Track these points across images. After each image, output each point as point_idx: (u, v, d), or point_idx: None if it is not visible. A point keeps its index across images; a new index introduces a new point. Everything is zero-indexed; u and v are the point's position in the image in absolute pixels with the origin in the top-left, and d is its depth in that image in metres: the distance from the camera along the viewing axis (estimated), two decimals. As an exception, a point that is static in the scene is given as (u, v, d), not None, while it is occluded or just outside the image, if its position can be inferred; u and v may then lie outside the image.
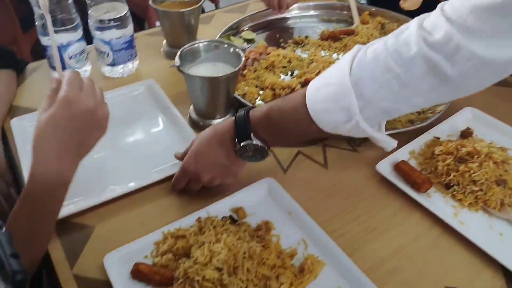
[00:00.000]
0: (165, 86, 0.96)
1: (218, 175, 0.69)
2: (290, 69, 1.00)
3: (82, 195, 0.69)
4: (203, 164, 0.68)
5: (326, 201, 0.72)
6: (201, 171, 0.68)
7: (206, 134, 0.69)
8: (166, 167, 0.75)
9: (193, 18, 1.00)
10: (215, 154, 0.67)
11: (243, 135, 0.64)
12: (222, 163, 0.68)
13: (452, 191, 0.71)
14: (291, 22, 1.21)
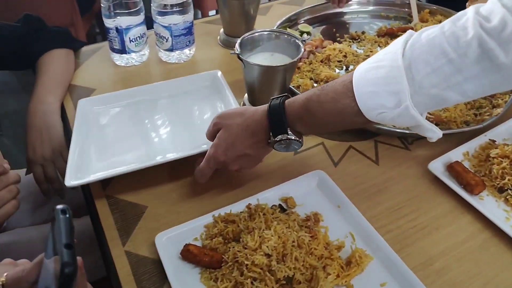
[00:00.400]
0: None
1: (247, 165, 0.70)
2: (345, 64, 1.00)
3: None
4: (233, 155, 0.66)
5: (376, 197, 0.72)
6: (230, 162, 0.67)
7: (236, 124, 0.66)
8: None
9: (252, 8, 1.02)
10: (246, 147, 0.66)
11: (279, 128, 0.63)
12: (252, 154, 0.67)
13: (506, 195, 0.69)
14: (348, 17, 1.21)
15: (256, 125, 0.64)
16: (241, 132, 0.65)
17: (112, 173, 0.70)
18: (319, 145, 0.82)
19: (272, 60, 0.85)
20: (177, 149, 0.76)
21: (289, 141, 0.64)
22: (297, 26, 1.14)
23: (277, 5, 1.29)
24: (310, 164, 0.78)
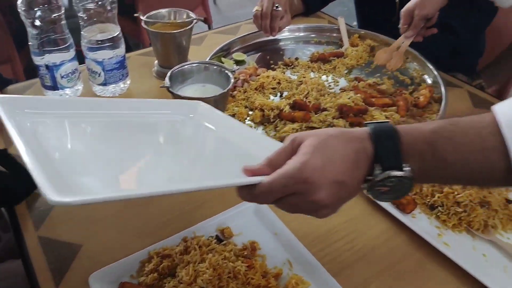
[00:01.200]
0: (156, 106, 0.98)
1: (334, 201, 0.48)
2: (279, 90, 1.02)
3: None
4: (330, 177, 0.46)
5: (313, 221, 0.70)
6: (323, 186, 0.46)
7: (334, 138, 0.48)
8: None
9: (184, 40, 1.02)
10: (346, 171, 0.47)
11: (391, 160, 0.46)
12: (346, 184, 0.47)
13: (436, 212, 0.71)
14: (282, 44, 1.24)
15: (357, 145, 0.47)
16: (342, 146, 0.47)
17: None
18: (256, 172, 0.81)
19: (203, 91, 0.84)
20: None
21: (401, 180, 0.47)
22: (231, 55, 1.15)
23: (212, 34, 1.30)
24: (248, 192, 0.77)
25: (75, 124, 0.63)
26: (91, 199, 0.41)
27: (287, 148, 0.49)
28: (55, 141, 0.58)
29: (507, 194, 0.75)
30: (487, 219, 0.69)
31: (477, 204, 0.70)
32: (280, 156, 0.49)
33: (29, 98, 0.69)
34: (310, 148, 0.47)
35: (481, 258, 0.66)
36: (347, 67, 1.09)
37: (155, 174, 0.57)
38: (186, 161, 0.63)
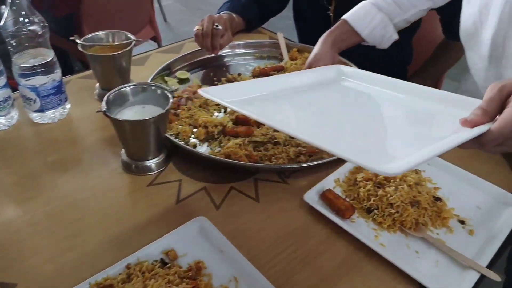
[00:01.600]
0: (98, 129, 0.96)
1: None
2: (222, 107, 1.03)
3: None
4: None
5: (258, 234, 0.73)
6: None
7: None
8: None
9: (124, 61, 1.01)
10: None
11: None
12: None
13: (373, 215, 0.75)
14: (225, 60, 1.25)
15: None
16: None
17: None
18: (201, 190, 0.82)
19: (143, 112, 0.84)
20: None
21: None
22: (174, 73, 1.15)
23: (155, 54, 1.30)
24: (193, 210, 0.77)
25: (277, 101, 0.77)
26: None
27: (496, 97, 0.55)
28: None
29: (435, 192, 0.79)
30: (418, 217, 0.73)
31: (408, 204, 0.74)
32: (492, 105, 0.55)
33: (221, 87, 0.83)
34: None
35: (414, 255, 0.69)
36: (287, 80, 1.12)
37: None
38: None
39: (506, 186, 0.82)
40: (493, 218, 0.75)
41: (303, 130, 0.64)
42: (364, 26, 1.00)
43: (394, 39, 1.04)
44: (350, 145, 0.62)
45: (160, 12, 3.79)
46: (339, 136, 0.66)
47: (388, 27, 1.01)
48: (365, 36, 1.01)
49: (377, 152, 0.59)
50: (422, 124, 0.70)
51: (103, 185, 0.83)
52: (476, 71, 0.92)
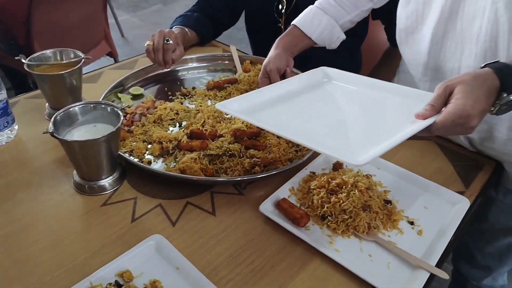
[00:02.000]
0: (49, 150, 0.93)
1: (479, 121, 0.68)
2: (178, 121, 1.01)
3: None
4: (479, 109, 0.67)
5: (215, 248, 0.72)
6: (475, 115, 0.67)
7: (471, 80, 0.68)
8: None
9: (74, 79, 0.98)
10: (485, 102, 0.68)
11: (511, 87, 0.67)
12: (486, 110, 0.68)
13: (327, 222, 0.76)
14: (179, 74, 1.24)
15: (489, 82, 0.68)
16: (480, 86, 0.67)
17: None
18: (157, 207, 0.80)
19: (95, 131, 0.81)
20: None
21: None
22: (128, 90, 1.13)
23: (108, 70, 1.27)
24: (149, 228, 0.76)
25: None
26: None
27: (441, 94, 0.70)
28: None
29: (385, 196, 0.82)
30: (370, 221, 0.75)
31: (360, 209, 0.75)
32: (438, 101, 0.70)
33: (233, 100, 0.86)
34: (462, 93, 0.67)
35: (368, 258, 0.70)
36: (241, 92, 1.13)
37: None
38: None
39: (450, 186, 0.85)
40: (440, 217, 0.78)
41: (294, 132, 0.74)
42: (313, 29, 1.04)
43: (342, 39, 1.08)
44: (331, 142, 0.74)
45: (117, 27, 3.72)
46: (325, 135, 0.77)
47: (335, 28, 1.05)
48: (315, 39, 1.05)
49: (353, 147, 0.73)
50: (391, 117, 0.82)
51: (55, 208, 0.80)
52: (414, 66, 0.97)
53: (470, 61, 0.84)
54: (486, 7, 0.78)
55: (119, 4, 4.50)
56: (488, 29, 0.79)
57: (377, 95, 0.88)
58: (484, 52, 0.81)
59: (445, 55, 0.88)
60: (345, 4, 1.05)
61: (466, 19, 0.82)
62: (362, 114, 0.85)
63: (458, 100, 0.68)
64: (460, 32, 0.84)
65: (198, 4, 1.39)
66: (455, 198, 0.81)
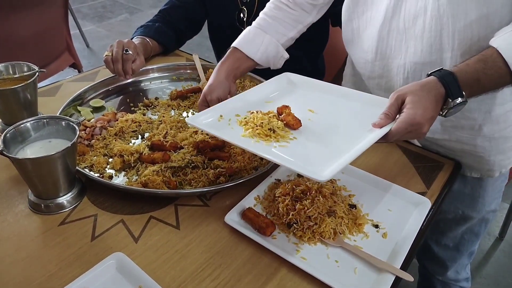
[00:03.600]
0: (2, 168, 0.87)
1: (429, 127, 0.73)
2: (140, 133, 0.97)
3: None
4: (428, 116, 0.72)
5: (179, 264, 0.69)
6: (425, 123, 0.71)
7: (419, 90, 0.73)
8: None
9: (28, 93, 0.92)
10: (433, 109, 0.73)
11: (456, 94, 0.72)
12: (434, 117, 0.73)
13: (293, 230, 0.74)
14: (142, 85, 1.20)
15: (435, 91, 0.73)
16: (427, 95, 0.72)
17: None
18: (118, 223, 0.76)
19: (49, 147, 0.77)
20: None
21: (462, 103, 0.73)
22: (88, 102, 1.08)
23: (67, 83, 1.21)
24: (110, 246, 0.71)
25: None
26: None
27: (394, 103, 0.74)
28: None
29: (350, 200, 0.81)
30: (335, 226, 0.73)
31: (325, 215, 0.74)
32: (392, 110, 0.74)
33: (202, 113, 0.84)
34: (413, 103, 0.72)
35: (334, 265, 0.69)
36: (205, 101, 1.10)
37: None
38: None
39: (413, 187, 0.85)
40: (404, 219, 0.78)
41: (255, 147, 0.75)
42: (255, 50, 0.99)
43: (285, 58, 1.04)
44: (295, 155, 0.74)
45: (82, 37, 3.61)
46: (290, 146, 0.76)
47: (278, 47, 1.01)
48: (258, 59, 1.00)
49: (317, 160, 0.72)
50: (351, 126, 0.81)
51: (8, 229, 0.74)
52: (362, 64, 0.98)
53: (416, 57, 0.86)
54: (427, 6, 0.81)
55: (84, 14, 4.38)
56: (432, 25, 0.82)
57: (337, 101, 0.88)
58: (430, 47, 0.83)
59: (391, 53, 0.90)
60: (284, 22, 1.01)
61: (407, 19, 0.85)
62: (323, 123, 0.83)
63: (409, 110, 0.72)
64: (403, 30, 0.86)
65: (160, 14, 1.35)
66: (417, 199, 0.81)
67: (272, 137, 0.77)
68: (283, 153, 0.74)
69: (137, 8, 4.67)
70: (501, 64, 0.73)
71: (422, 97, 0.72)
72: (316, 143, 0.77)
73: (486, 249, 1.86)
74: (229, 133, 0.78)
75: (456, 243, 1.12)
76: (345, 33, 1.01)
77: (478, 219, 1.07)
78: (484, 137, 0.92)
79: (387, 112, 0.75)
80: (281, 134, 0.77)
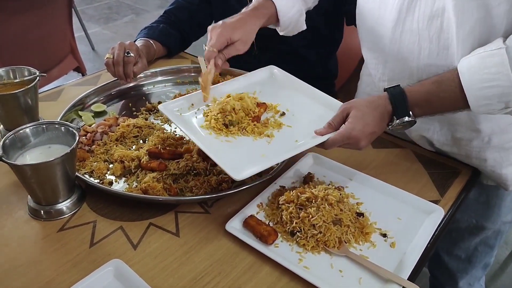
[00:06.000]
0: (2, 174, 0.92)
1: (369, 142, 0.83)
2: (141, 138, 1.02)
3: None
4: (367, 132, 0.81)
5: (178, 271, 0.72)
6: (363, 138, 0.81)
7: (365, 106, 0.82)
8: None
9: (29, 98, 0.98)
10: (376, 125, 0.81)
11: (403, 112, 0.81)
12: (377, 133, 0.83)
13: (296, 238, 0.76)
14: (144, 89, 1.25)
15: (382, 108, 0.82)
16: (371, 112, 0.81)
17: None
18: (117, 230, 0.80)
19: (49, 153, 0.81)
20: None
21: (409, 122, 0.81)
22: (90, 107, 1.13)
23: (69, 87, 1.27)
24: (108, 253, 0.75)
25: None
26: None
27: (339, 116, 0.84)
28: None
29: (358, 208, 0.83)
30: (341, 235, 0.76)
31: (330, 223, 0.76)
32: (336, 121, 0.84)
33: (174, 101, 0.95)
34: (354, 118, 0.81)
35: (338, 274, 0.71)
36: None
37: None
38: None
39: (426, 195, 0.87)
40: (414, 228, 0.80)
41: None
42: (287, 10, 1.01)
43: (303, 29, 1.08)
44: (230, 152, 0.83)
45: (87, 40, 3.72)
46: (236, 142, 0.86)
47: (302, 16, 1.05)
48: (283, 22, 1.01)
49: (248, 159, 0.82)
50: (300, 128, 0.90)
51: (7, 235, 0.79)
52: (375, 65, 1.00)
53: (431, 59, 0.88)
54: (445, 7, 0.82)
55: (89, 16, 4.51)
56: (449, 27, 0.83)
57: (305, 103, 0.96)
58: (447, 50, 0.85)
59: (403, 55, 0.92)
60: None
61: (422, 19, 0.86)
62: (279, 123, 0.91)
63: (348, 124, 0.81)
64: (417, 31, 0.88)
65: (164, 15, 1.40)
66: (429, 207, 0.83)
67: (223, 132, 0.87)
68: (222, 147, 0.84)
69: (143, 9, 4.79)
70: (456, 89, 0.78)
71: (366, 113, 0.81)
72: (259, 143, 0.86)
73: (502, 259, 1.85)
74: (189, 122, 0.88)
75: (469, 254, 1.12)
76: (359, 31, 1.04)
77: (493, 231, 1.07)
78: (493, 148, 0.93)
79: (331, 122, 0.85)
80: (232, 130, 0.87)
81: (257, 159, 0.81)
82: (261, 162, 0.79)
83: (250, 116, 0.89)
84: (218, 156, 0.78)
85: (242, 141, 0.86)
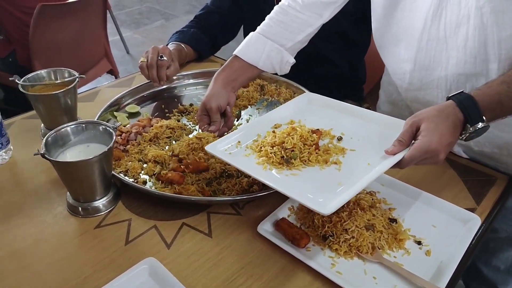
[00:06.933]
0: (43, 172, 0.93)
1: (446, 154, 0.75)
2: (174, 139, 1.02)
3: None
4: (445, 143, 0.73)
5: (210, 272, 0.72)
6: (441, 150, 0.73)
7: (435, 116, 0.74)
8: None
9: (69, 99, 0.99)
10: (451, 135, 0.74)
11: (476, 118, 0.73)
12: (453, 142, 0.75)
13: (328, 242, 0.75)
14: (176, 91, 1.25)
15: (453, 117, 0.74)
16: (444, 122, 0.74)
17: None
18: (151, 228, 0.80)
19: (88, 151, 0.82)
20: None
21: (482, 129, 0.74)
22: (124, 108, 1.14)
23: (105, 89, 1.28)
24: (142, 251, 0.75)
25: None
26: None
27: (409, 130, 0.76)
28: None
29: (390, 213, 0.80)
30: (374, 241, 0.74)
31: (363, 228, 0.74)
32: (406, 137, 0.76)
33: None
34: (427, 131, 0.73)
35: (372, 281, 0.69)
36: (240, 107, 1.13)
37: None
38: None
39: (461, 203, 0.84)
40: (449, 237, 0.77)
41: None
42: (257, 57, 1.00)
43: (291, 63, 1.05)
44: (304, 185, 0.76)
45: (122, 44, 3.78)
46: (303, 176, 0.78)
47: (281, 53, 1.02)
48: (261, 67, 1.02)
49: (325, 190, 0.74)
50: (365, 152, 0.83)
51: (47, 231, 0.80)
52: (400, 75, 0.97)
53: (459, 68, 0.85)
54: (470, 15, 0.80)
55: (121, 21, 4.59)
56: (475, 35, 0.81)
57: (355, 122, 0.91)
58: (474, 58, 0.82)
59: (430, 63, 0.89)
60: (291, 26, 1.01)
61: (448, 27, 0.83)
62: (339, 147, 0.85)
63: (424, 137, 0.73)
64: (444, 39, 0.85)
65: (195, 20, 1.41)
66: (466, 216, 0.80)
67: (284, 166, 0.80)
68: (292, 182, 0.76)
69: (172, 14, 4.84)
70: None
71: (439, 123, 0.74)
72: (328, 171, 0.79)
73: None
74: (243, 160, 0.82)
75: (508, 265, 1.08)
76: (379, 40, 1.01)
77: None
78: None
79: (401, 139, 0.77)
80: (295, 163, 0.80)
81: (334, 188, 0.74)
82: (344, 191, 0.72)
83: (309, 145, 0.82)
84: (295, 193, 0.71)
85: (309, 172, 0.79)
